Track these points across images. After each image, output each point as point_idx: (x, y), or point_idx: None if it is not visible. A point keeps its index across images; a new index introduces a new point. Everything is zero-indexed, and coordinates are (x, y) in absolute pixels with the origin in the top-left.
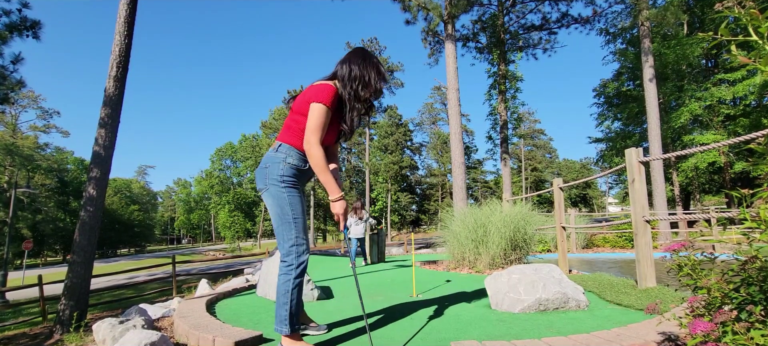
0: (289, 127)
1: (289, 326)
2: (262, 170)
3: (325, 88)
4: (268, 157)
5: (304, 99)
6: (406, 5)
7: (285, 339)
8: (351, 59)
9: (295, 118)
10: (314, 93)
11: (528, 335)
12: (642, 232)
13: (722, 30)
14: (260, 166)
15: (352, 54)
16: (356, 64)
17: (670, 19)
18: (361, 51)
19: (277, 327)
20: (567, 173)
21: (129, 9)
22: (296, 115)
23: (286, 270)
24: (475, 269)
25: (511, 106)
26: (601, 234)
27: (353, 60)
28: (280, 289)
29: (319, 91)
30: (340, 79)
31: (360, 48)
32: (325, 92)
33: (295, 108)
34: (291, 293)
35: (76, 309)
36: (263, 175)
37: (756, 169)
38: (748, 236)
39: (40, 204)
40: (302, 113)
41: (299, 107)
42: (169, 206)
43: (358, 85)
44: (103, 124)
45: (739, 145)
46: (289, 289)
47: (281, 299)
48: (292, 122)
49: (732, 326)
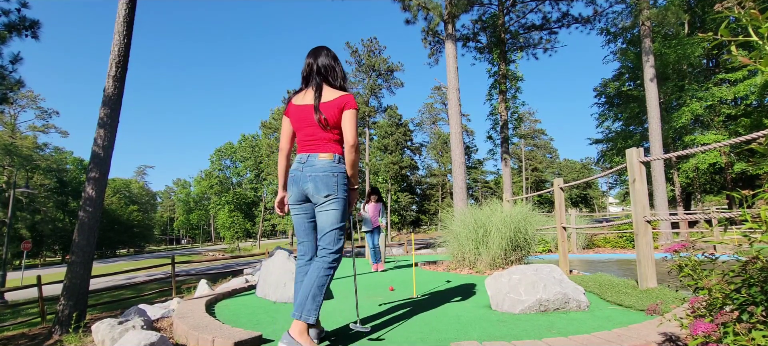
0: (333, 140)
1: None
2: (328, 178)
3: (351, 97)
4: (332, 166)
5: (337, 110)
6: (406, 5)
7: (304, 326)
8: (333, 60)
9: (335, 132)
10: (345, 101)
11: (528, 336)
12: (643, 232)
13: (723, 30)
14: (324, 173)
15: (328, 55)
16: (336, 62)
17: (671, 19)
18: (327, 50)
19: (306, 315)
20: (568, 173)
21: (128, 9)
22: (335, 129)
23: (330, 264)
24: (475, 269)
25: (512, 106)
26: (602, 234)
27: (335, 60)
28: (321, 280)
29: (349, 100)
30: (340, 79)
31: (324, 47)
32: (353, 100)
33: (332, 123)
34: (329, 285)
35: (75, 310)
36: (332, 182)
37: (757, 169)
38: (749, 236)
39: (39, 204)
40: (338, 126)
41: (335, 122)
42: (168, 207)
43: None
44: (102, 124)
45: (740, 146)
46: (328, 281)
47: (320, 289)
48: (332, 135)
49: (733, 327)
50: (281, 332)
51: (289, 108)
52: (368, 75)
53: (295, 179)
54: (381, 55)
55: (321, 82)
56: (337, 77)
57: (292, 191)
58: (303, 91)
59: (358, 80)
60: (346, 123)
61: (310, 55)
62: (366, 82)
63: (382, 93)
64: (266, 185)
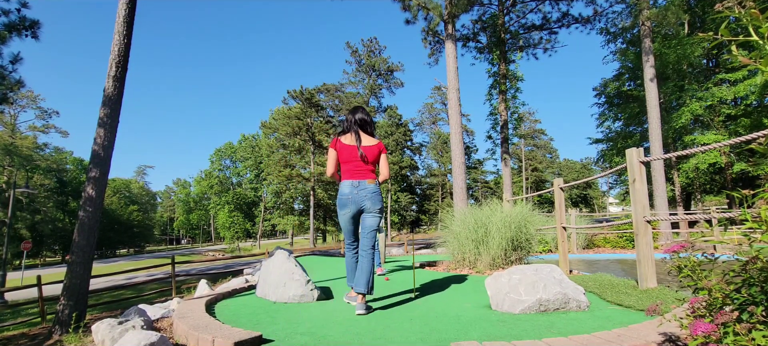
0: (371, 170)
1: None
2: (377, 195)
3: (383, 145)
4: (377, 188)
5: (376, 153)
6: (406, 5)
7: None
8: (368, 116)
9: (372, 167)
10: (381, 147)
11: (528, 336)
12: (643, 232)
13: (723, 30)
14: (375, 193)
15: (364, 112)
16: (370, 117)
17: (671, 19)
18: (362, 109)
19: (365, 289)
20: (568, 173)
21: (128, 9)
22: (372, 165)
23: (372, 254)
24: (475, 269)
25: (512, 106)
26: (602, 234)
27: (370, 116)
28: (368, 265)
29: (383, 147)
30: (372, 129)
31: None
32: (384, 147)
33: (372, 161)
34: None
35: (75, 310)
36: (380, 199)
37: (757, 169)
38: (749, 236)
39: (38, 204)
40: (376, 162)
41: (374, 159)
42: (168, 207)
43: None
44: (102, 124)
45: (740, 146)
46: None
47: (369, 271)
48: (371, 167)
49: (733, 327)
50: (281, 332)
51: (337, 143)
52: (368, 75)
53: (353, 198)
54: (381, 55)
55: (358, 130)
56: (373, 129)
57: (349, 207)
58: (346, 135)
59: (358, 80)
60: (383, 162)
61: (350, 111)
62: (366, 82)
63: (382, 93)
64: (266, 185)
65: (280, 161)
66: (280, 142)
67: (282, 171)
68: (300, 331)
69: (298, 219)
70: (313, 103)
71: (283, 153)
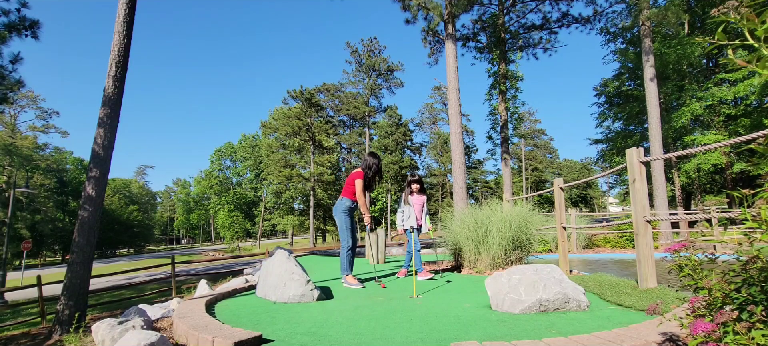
0: (347, 190)
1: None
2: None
3: (359, 173)
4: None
5: (351, 179)
6: (406, 5)
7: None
8: (366, 157)
9: (349, 188)
10: (356, 176)
11: (528, 336)
12: (643, 232)
13: (719, 35)
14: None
15: (366, 154)
16: (367, 158)
17: (671, 19)
18: (371, 154)
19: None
20: (568, 173)
21: (128, 9)
22: (349, 186)
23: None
24: (475, 269)
25: (512, 106)
26: (602, 234)
27: (367, 157)
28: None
29: (357, 175)
30: (364, 167)
31: (371, 152)
32: (359, 175)
33: (348, 183)
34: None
35: (75, 310)
36: (336, 208)
37: (757, 169)
38: (749, 236)
39: (38, 204)
40: (351, 184)
41: (350, 183)
42: (168, 207)
43: (369, 168)
44: (102, 123)
45: (740, 146)
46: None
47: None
48: (348, 188)
49: (733, 327)
50: (281, 332)
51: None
52: (368, 75)
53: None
54: (381, 55)
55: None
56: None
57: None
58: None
59: (358, 80)
60: (356, 186)
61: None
62: (366, 82)
63: (382, 93)
64: (266, 185)
65: (280, 161)
66: (280, 142)
67: (282, 171)
68: (300, 331)
69: (298, 219)
70: (313, 103)
71: (283, 153)
